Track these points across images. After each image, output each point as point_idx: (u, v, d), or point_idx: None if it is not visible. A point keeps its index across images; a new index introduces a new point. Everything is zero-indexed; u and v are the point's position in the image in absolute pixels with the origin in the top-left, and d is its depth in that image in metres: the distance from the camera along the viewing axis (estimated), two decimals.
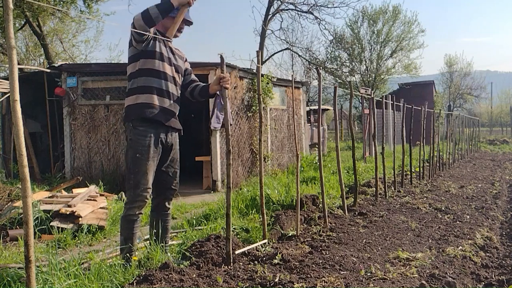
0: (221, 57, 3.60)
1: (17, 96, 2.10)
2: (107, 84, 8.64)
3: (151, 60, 3.38)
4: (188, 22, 3.58)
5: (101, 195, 6.05)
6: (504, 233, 5.17)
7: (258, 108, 4.29)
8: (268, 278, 3.12)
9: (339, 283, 3.09)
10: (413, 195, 7.27)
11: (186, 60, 3.75)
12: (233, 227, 4.49)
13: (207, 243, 3.79)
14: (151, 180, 3.41)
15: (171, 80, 3.49)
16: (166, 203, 3.67)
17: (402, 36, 25.33)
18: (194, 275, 3.15)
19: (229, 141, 3.53)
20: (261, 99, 4.31)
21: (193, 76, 3.79)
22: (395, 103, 10.06)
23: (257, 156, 8.74)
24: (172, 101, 3.51)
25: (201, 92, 3.72)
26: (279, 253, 3.65)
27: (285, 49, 22.68)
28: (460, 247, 4.20)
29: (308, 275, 3.23)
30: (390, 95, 16.53)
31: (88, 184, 6.69)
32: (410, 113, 9.07)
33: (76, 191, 6.08)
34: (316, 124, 15.36)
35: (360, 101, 18.61)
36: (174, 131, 3.60)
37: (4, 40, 14.26)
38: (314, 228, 4.72)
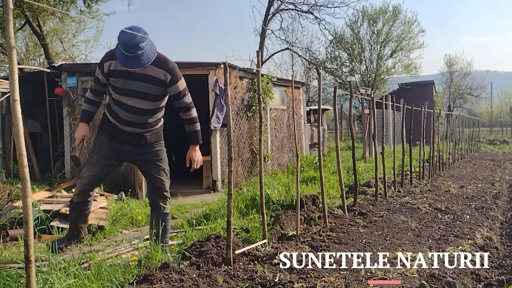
0: (225, 65, 3.63)
1: (17, 96, 2.10)
2: None
3: (116, 94, 3.67)
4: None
5: (101, 195, 6.04)
6: (504, 233, 5.17)
7: (258, 108, 4.30)
8: (268, 278, 3.13)
9: (339, 283, 3.09)
10: (413, 195, 7.27)
11: (174, 82, 3.62)
12: (233, 227, 4.49)
13: (207, 243, 3.79)
14: (95, 173, 3.81)
15: (133, 111, 3.66)
16: (160, 202, 3.85)
17: (402, 36, 25.28)
18: (194, 275, 3.16)
19: (231, 148, 3.56)
20: (261, 99, 4.31)
21: (185, 100, 3.74)
22: (395, 103, 10.06)
23: (257, 156, 8.73)
24: (129, 127, 3.73)
25: (186, 128, 3.92)
26: (279, 253, 3.65)
27: (285, 49, 22.68)
28: (460, 247, 4.20)
29: (308, 275, 3.23)
30: (390, 95, 16.52)
31: None
32: (410, 113, 9.06)
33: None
34: (316, 124, 15.36)
35: (360, 101, 18.60)
36: (134, 145, 3.81)
37: (4, 40, 14.26)
38: (314, 228, 4.72)
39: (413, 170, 9.04)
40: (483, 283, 3.30)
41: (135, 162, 3.99)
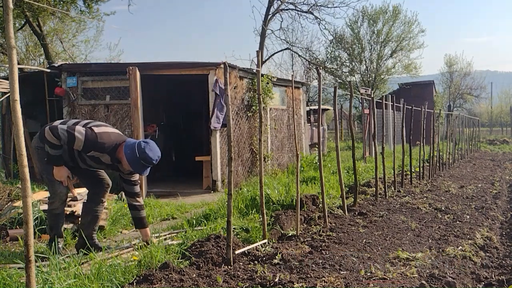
0: (225, 65, 3.66)
1: (17, 96, 2.10)
2: (107, 84, 8.63)
3: (77, 158, 4.02)
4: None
5: None
6: (504, 233, 5.17)
7: (258, 108, 4.30)
8: (268, 278, 3.13)
9: (339, 283, 3.09)
10: (413, 195, 7.27)
11: (134, 173, 4.11)
12: (233, 227, 4.48)
13: (207, 243, 3.79)
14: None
15: (76, 163, 4.10)
16: (102, 197, 4.24)
17: (402, 36, 25.26)
18: (194, 275, 3.16)
19: (231, 148, 3.56)
20: (261, 99, 4.32)
21: (136, 188, 4.23)
22: (395, 103, 10.06)
23: (257, 156, 8.73)
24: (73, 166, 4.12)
25: (133, 217, 4.33)
26: (279, 253, 3.65)
27: (285, 49, 22.67)
28: (460, 247, 4.20)
29: (308, 275, 3.23)
30: (390, 95, 16.51)
31: None
32: (410, 113, 9.07)
33: (75, 191, 6.07)
34: (316, 124, 15.35)
35: (360, 101, 18.59)
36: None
37: (4, 40, 14.25)
38: (314, 228, 4.72)
39: (413, 170, 9.04)
40: (483, 283, 3.30)
41: (76, 172, 4.24)
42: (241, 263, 3.54)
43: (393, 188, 7.66)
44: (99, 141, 3.83)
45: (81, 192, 5.81)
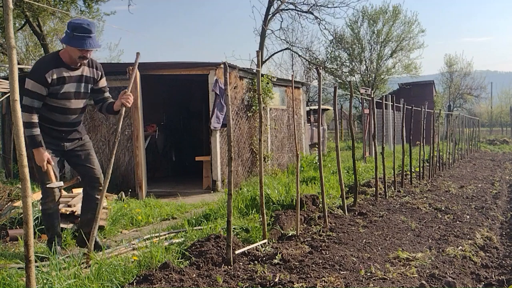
0: (225, 65, 3.67)
1: (17, 96, 2.10)
2: (107, 84, 8.63)
3: (55, 100, 3.84)
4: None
5: None
6: (504, 233, 5.17)
7: (258, 108, 4.30)
8: (268, 278, 3.13)
9: (339, 283, 3.09)
10: (413, 195, 7.27)
11: (101, 77, 4.16)
12: (233, 227, 4.48)
13: (207, 243, 3.79)
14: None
15: (70, 112, 3.97)
16: (95, 195, 4.08)
17: (402, 36, 25.27)
18: (194, 275, 3.16)
19: (231, 148, 3.57)
20: (261, 99, 4.32)
21: (105, 94, 4.24)
22: (395, 103, 10.06)
23: (257, 156, 8.73)
24: (66, 127, 4.01)
25: (107, 108, 4.17)
26: (279, 253, 3.65)
27: (285, 49, 22.68)
28: (460, 247, 4.20)
29: (308, 275, 3.23)
30: (390, 95, 16.51)
31: None
32: (410, 113, 9.07)
33: (76, 191, 6.08)
34: (316, 124, 15.35)
35: (360, 101, 18.59)
36: (71, 141, 4.09)
37: (4, 40, 14.24)
38: (314, 228, 4.72)
39: (413, 170, 9.04)
40: (483, 283, 3.30)
41: (71, 158, 4.18)
42: (241, 263, 3.54)
43: (393, 188, 7.66)
44: (39, 66, 3.74)
45: (77, 192, 5.81)
